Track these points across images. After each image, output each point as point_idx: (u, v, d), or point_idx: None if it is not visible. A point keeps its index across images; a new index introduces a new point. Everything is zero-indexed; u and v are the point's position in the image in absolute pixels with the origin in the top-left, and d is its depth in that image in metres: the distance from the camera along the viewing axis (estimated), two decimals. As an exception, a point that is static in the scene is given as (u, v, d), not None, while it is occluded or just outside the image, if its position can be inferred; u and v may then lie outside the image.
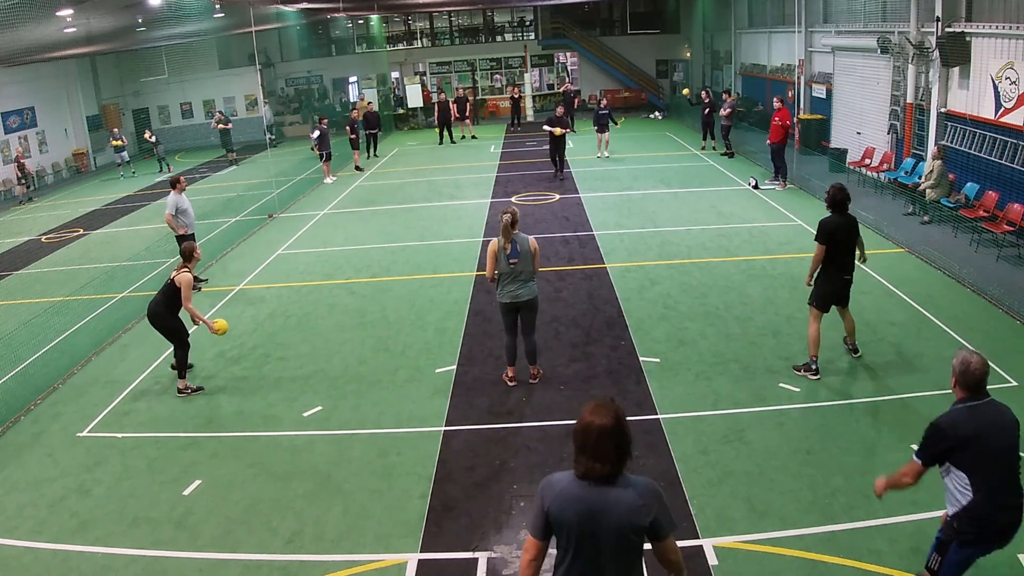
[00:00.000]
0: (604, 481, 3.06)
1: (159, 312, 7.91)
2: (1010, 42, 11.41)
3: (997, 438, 3.89)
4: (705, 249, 11.81)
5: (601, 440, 3.01)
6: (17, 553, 5.58)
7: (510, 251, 7.16)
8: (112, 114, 27.92)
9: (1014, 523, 3.94)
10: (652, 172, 17.95)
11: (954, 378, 4.10)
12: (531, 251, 7.20)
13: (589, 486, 3.07)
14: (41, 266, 14.14)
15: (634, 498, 3.06)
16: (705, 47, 29.31)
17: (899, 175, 14.55)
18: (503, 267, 7.22)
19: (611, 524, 3.05)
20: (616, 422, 3.02)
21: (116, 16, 17.62)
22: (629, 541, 3.09)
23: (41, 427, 7.59)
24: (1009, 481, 3.90)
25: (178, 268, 7.96)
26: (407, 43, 33.77)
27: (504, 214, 7.17)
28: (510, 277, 7.25)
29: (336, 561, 5.27)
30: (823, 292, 7.41)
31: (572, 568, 3.14)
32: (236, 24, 22.16)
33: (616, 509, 3.05)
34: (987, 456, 3.86)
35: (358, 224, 15.06)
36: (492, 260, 7.23)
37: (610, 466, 3.04)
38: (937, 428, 3.95)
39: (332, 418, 7.31)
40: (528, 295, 7.32)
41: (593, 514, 3.06)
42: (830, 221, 7.26)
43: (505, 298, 7.35)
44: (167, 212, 11.30)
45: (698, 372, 7.75)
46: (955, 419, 3.95)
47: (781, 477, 5.89)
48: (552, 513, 3.11)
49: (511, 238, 7.12)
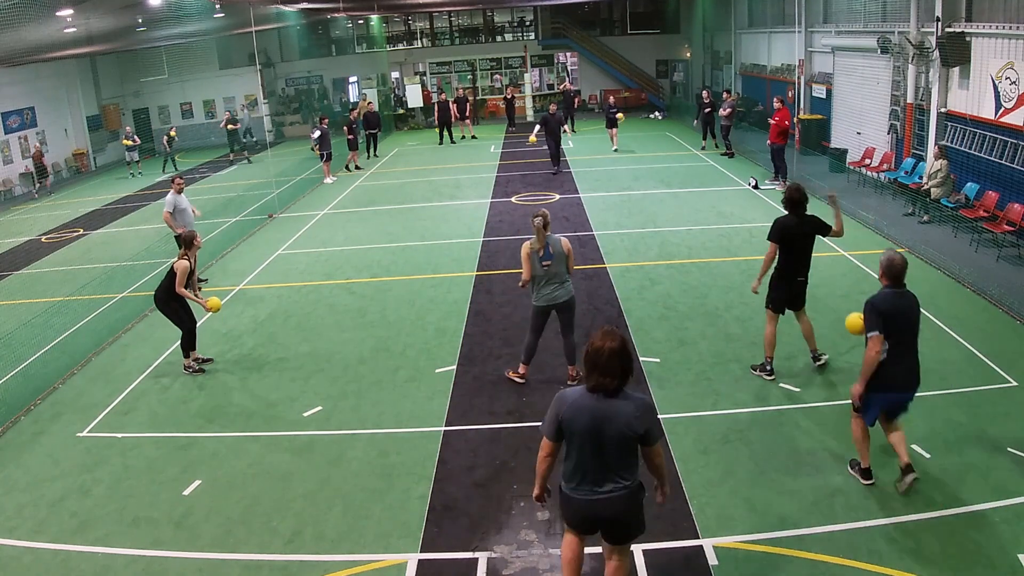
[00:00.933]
0: (610, 394, 3.82)
1: (160, 297, 8.41)
2: (1010, 42, 11.41)
3: (907, 315, 5.28)
4: (705, 249, 11.81)
5: (610, 359, 3.75)
6: (17, 553, 5.58)
7: (543, 254, 7.10)
8: (112, 114, 27.92)
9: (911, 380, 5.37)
10: (652, 172, 17.95)
11: (881, 271, 5.36)
12: (564, 252, 7.16)
13: (598, 398, 3.83)
14: (41, 266, 14.14)
15: (632, 410, 3.85)
16: (705, 47, 29.30)
17: (899, 175, 14.55)
18: (537, 270, 7.15)
19: (614, 429, 3.83)
20: (622, 345, 3.79)
21: (116, 16, 17.62)
22: (628, 442, 3.87)
23: (41, 427, 7.58)
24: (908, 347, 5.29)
25: (179, 255, 8.39)
26: (407, 43, 33.77)
27: (535, 217, 7.13)
28: (544, 280, 7.19)
29: (336, 561, 5.27)
30: (777, 295, 7.32)
31: (580, 462, 3.95)
32: (236, 24, 22.15)
33: (619, 417, 3.83)
34: (897, 328, 5.20)
35: (358, 224, 15.06)
36: (527, 263, 7.14)
37: (616, 381, 3.80)
38: (872, 304, 5.25)
39: (332, 418, 7.31)
40: (564, 296, 7.26)
41: (600, 421, 3.83)
42: (784, 220, 7.14)
43: (540, 301, 7.28)
44: (165, 210, 11.31)
45: (698, 372, 7.75)
46: (884, 298, 5.27)
47: (781, 477, 5.89)
48: (565, 420, 3.90)
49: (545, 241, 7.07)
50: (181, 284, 8.23)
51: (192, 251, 8.41)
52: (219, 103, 30.37)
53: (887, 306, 5.20)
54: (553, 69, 33.27)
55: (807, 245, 7.16)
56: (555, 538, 5.34)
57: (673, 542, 5.21)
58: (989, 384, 7.11)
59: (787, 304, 7.38)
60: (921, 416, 6.57)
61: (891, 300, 5.25)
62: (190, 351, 8.60)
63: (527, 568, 5.07)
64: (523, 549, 5.25)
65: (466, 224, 14.29)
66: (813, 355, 7.63)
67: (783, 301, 7.34)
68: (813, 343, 7.59)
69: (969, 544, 4.97)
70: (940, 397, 6.89)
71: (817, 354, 7.63)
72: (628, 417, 3.81)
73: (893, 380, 5.29)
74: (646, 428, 3.86)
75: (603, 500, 3.99)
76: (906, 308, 5.28)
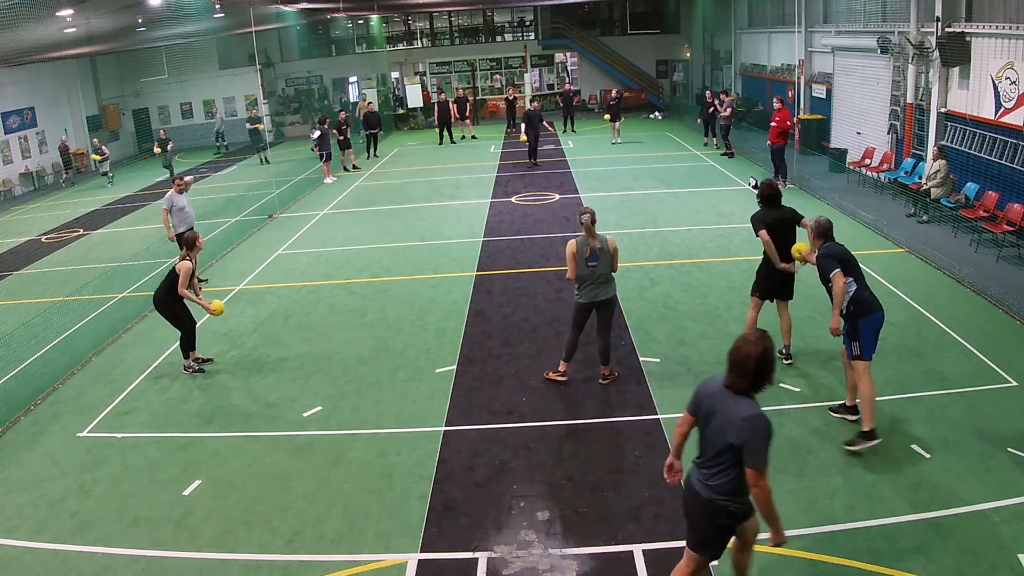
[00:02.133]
0: (738, 393, 3.90)
1: (160, 298, 8.39)
2: (1010, 42, 11.41)
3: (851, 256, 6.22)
4: (705, 249, 11.81)
5: (746, 361, 3.84)
6: (17, 553, 5.58)
7: (589, 254, 7.01)
8: (112, 114, 27.92)
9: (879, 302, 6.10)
10: (652, 172, 17.95)
11: (814, 233, 6.40)
12: (610, 251, 7.09)
13: (726, 393, 3.94)
14: (41, 266, 14.13)
15: (738, 419, 3.82)
16: (705, 47, 29.31)
17: (899, 175, 14.55)
18: (582, 269, 7.08)
19: (715, 426, 3.94)
20: (763, 351, 3.85)
21: (116, 16, 17.63)
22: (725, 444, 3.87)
23: (41, 427, 7.58)
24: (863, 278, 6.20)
25: (180, 256, 8.36)
26: (407, 43, 33.78)
27: (583, 214, 7.06)
28: (591, 280, 7.13)
29: (336, 561, 5.27)
30: (763, 283, 7.65)
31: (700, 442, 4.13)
32: (236, 24, 22.16)
33: (724, 417, 3.89)
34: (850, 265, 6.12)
35: (358, 224, 15.06)
36: (572, 263, 7.08)
37: (747, 384, 3.87)
38: (827, 255, 6.17)
39: (332, 418, 7.31)
40: (606, 294, 7.21)
41: (713, 412, 3.96)
42: (759, 213, 7.56)
43: (583, 298, 7.24)
44: (163, 207, 11.29)
45: (698, 372, 7.74)
46: (832, 250, 6.20)
47: (781, 477, 5.88)
48: (697, 399, 4.13)
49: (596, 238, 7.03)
50: (184, 285, 8.19)
51: (194, 252, 8.36)
52: (219, 103, 30.38)
53: (837, 252, 6.19)
54: (553, 69, 33.27)
55: (787, 233, 7.46)
56: (555, 538, 5.35)
57: (673, 542, 5.20)
58: (989, 384, 7.11)
59: (773, 292, 7.63)
60: (921, 416, 6.58)
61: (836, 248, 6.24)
62: (189, 352, 8.60)
63: (527, 568, 5.07)
64: (523, 549, 5.25)
65: (466, 224, 14.29)
66: (784, 351, 7.73)
67: (769, 289, 7.62)
68: (787, 339, 7.76)
69: (969, 544, 4.97)
70: (940, 397, 6.89)
71: (788, 352, 7.76)
72: (729, 421, 3.84)
73: (872, 303, 6.07)
74: (741, 441, 3.78)
75: (690, 489, 4.15)
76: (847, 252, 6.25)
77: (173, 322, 8.46)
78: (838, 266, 6.05)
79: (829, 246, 6.26)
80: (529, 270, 11.33)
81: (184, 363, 8.60)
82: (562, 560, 5.11)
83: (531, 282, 10.77)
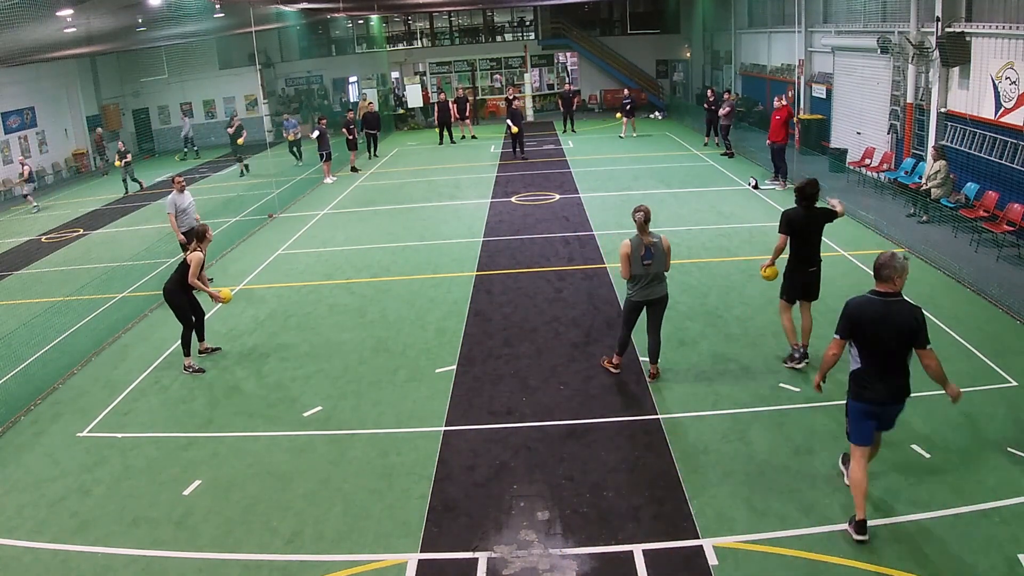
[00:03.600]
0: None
1: (170, 289, 8.51)
2: (1010, 42, 11.41)
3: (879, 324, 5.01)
4: (705, 249, 11.81)
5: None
6: (17, 553, 5.58)
7: (644, 253, 7.06)
8: (112, 114, 27.92)
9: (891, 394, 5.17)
10: (652, 172, 17.95)
11: None
12: (664, 249, 7.13)
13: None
14: (41, 266, 14.13)
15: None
16: (705, 47, 29.31)
17: (899, 175, 14.55)
18: (638, 269, 7.13)
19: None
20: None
21: (116, 16, 17.62)
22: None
23: (41, 427, 7.59)
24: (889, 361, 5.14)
25: (191, 248, 8.55)
26: (407, 43, 33.78)
27: (637, 212, 7.11)
28: (646, 279, 7.17)
29: (336, 561, 5.27)
30: (790, 284, 7.58)
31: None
32: (236, 24, 22.15)
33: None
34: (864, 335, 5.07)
35: (358, 224, 15.06)
36: (626, 263, 7.14)
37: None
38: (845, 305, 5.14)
39: (332, 418, 7.31)
40: (659, 293, 7.27)
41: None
42: (790, 212, 7.42)
43: (637, 296, 7.30)
44: (168, 212, 11.30)
45: (698, 372, 7.75)
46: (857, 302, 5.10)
47: (781, 477, 5.89)
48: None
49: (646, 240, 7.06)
50: (194, 275, 8.35)
51: (204, 244, 8.57)
52: (219, 103, 30.38)
53: (855, 310, 4.96)
54: (553, 69, 33.27)
55: (814, 234, 7.41)
56: (555, 538, 5.35)
57: (673, 542, 5.21)
58: (989, 384, 7.12)
59: (800, 294, 7.59)
60: (921, 416, 6.58)
61: (863, 305, 4.95)
62: (200, 342, 8.79)
63: (527, 568, 5.07)
64: (523, 549, 5.25)
65: (466, 224, 14.29)
66: (803, 350, 7.71)
67: (796, 290, 7.57)
68: (807, 339, 7.72)
69: (969, 544, 4.97)
70: (940, 397, 6.83)
71: (804, 351, 7.72)
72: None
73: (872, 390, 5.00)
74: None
75: None
76: (880, 317, 4.87)
77: (179, 316, 8.51)
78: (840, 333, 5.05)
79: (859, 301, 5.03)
80: (529, 270, 11.33)
81: (185, 362, 8.62)
82: (562, 560, 5.11)
83: (531, 282, 10.77)
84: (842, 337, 5.02)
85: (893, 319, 4.84)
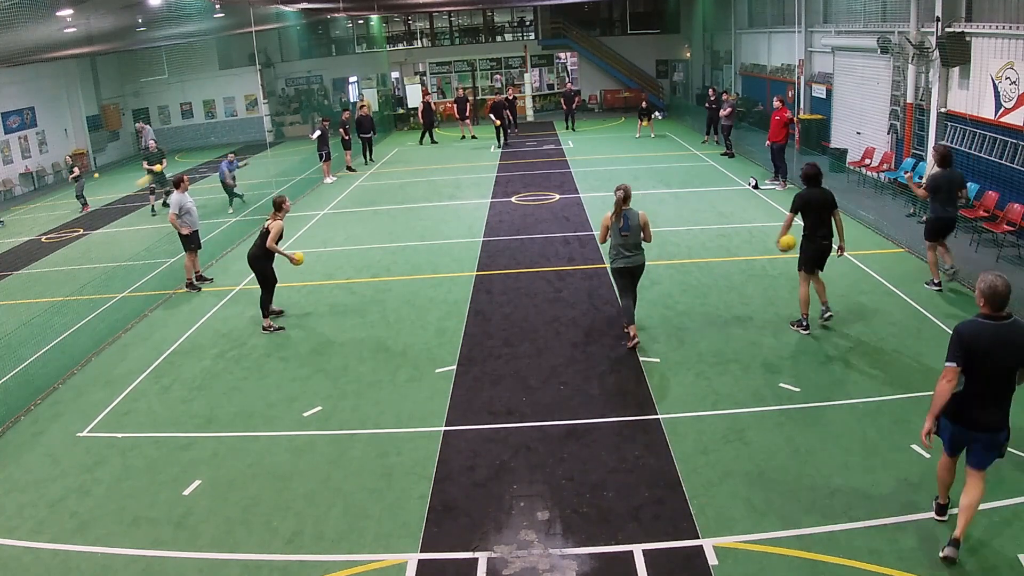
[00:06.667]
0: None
1: (255, 254, 9.40)
2: (1010, 42, 11.41)
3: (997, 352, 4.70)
4: (705, 249, 11.81)
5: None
6: (17, 553, 5.58)
7: (622, 224, 7.97)
8: (112, 114, 27.92)
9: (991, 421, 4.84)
10: (652, 172, 17.95)
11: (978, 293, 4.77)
12: (640, 224, 8.01)
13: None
14: (41, 266, 14.13)
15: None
16: (705, 47, 29.31)
17: (899, 175, 14.54)
18: (616, 239, 8.07)
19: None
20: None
21: (116, 16, 17.63)
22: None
23: (41, 427, 7.59)
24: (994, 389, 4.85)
25: (271, 216, 9.42)
26: (407, 43, 33.77)
27: (617, 190, 7.97)
28: (622, 247, 8.06)
29: (336, 561, 5.27)
30: (807, 256, 8.32)
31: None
32: (236, 24, 22.16)
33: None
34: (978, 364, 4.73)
35: (358, 224, 15.06)
36: (604, 230, 8.14)
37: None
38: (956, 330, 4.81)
39: (332, 418, 7.31)
40: (637, 262, 8.16)
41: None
42: (804, 193, 8.32)
43: (619, 263, 8.15)
44: (171, 212, 11.32)
45: (698, 372, 7.75)
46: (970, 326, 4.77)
47: (781, 477, 5.89)
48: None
49: (622, 213, 7.94)
50: (274, 239, 9.18)
51: (281, 213, 9.43)
52: (219, 103, 30.39)
53: (969, 335, 4.63)
54: (553, 69, 33.27)
55: (824, 210, 8.23)
56: (555, 538, 5.35)
57: (673, 542, 5.21)
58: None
59: (817, 262, 8.32)
60: (921, 416, 6.55)
61: (978, 329, 4.64)
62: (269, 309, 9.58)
63: (527, 568, 5.07)
64: (523, 549, 5.25)
65: (466, 224, 14.29)
66: (824, 308, 8.48)
67: (812, 260, 8.31)
68: (823, 297, 8.48)
69: (969, 544, 4.96)
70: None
71: (827, 307, 8.48)
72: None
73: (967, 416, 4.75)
74: None
75: None
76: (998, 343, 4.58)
77: (261, 280, 9.46)
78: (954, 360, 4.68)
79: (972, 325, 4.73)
80: (529, 270, 11.33)
81: (264, 323, 9.52)
82: (562, 560, 5.11)
83: (531, 282, 10.77)
84: (957, 365, 4.64)
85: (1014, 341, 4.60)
